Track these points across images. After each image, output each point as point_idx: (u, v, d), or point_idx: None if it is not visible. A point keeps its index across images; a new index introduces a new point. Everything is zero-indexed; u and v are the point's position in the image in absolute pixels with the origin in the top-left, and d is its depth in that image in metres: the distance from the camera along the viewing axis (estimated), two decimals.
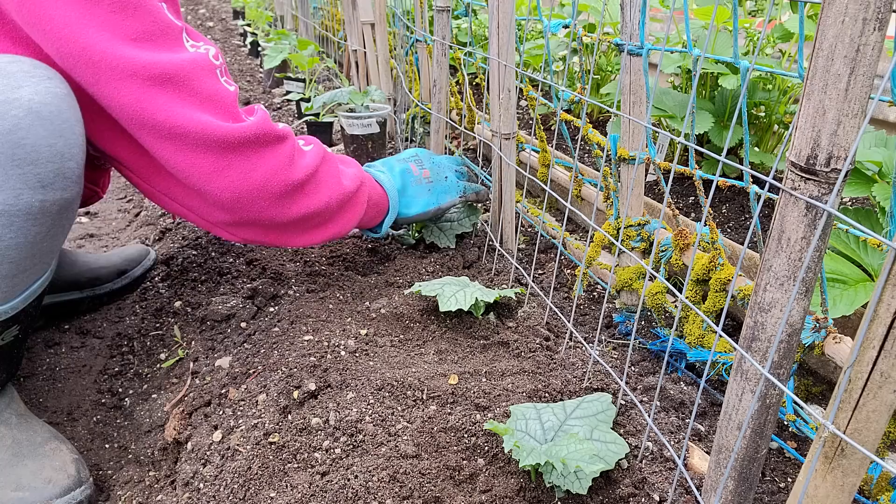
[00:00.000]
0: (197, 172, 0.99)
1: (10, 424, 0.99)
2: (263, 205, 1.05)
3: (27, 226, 0.86)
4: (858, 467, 0.57)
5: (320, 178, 1.13)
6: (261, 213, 1.06)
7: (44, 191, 0.85)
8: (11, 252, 0.86)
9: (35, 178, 0.84)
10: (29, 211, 0.85)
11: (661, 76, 2.15)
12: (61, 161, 0.87)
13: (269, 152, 1.03)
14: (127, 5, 0.91)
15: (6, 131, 0.81)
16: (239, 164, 1.00)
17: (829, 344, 0.87)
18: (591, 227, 1.20)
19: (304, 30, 4.18)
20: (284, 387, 1.01)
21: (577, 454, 0.80)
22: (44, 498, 0.93)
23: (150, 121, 0.94)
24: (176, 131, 0.94)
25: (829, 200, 0.54)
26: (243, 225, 1.08)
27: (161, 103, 0.93)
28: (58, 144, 0.86)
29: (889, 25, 0.49)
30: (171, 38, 0.97)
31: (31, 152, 0.83)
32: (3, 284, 0.89)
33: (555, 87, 1.34)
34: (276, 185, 1.05)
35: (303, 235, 1.17)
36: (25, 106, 0.83)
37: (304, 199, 1.10)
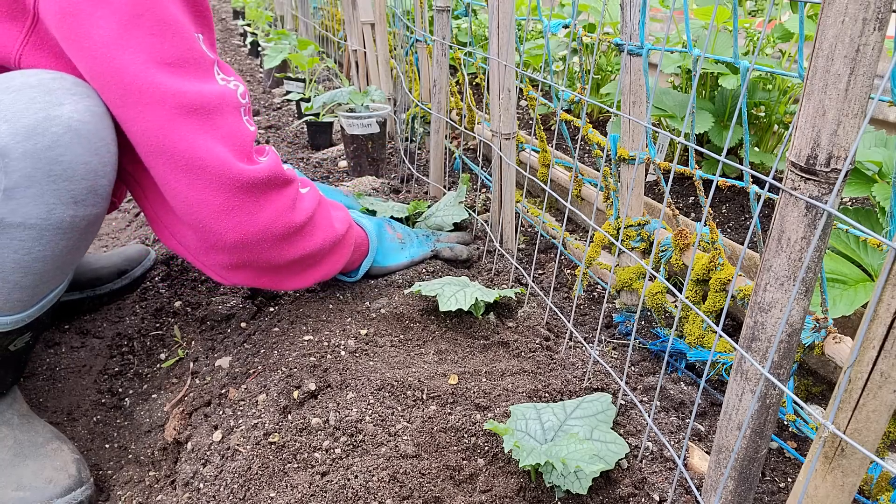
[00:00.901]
0: (206, 209, 0.96)
1: (12, 424, 1.00)
2: (265, 247, 1.04)
3: (56, 240, 0.87)
4: (858, 467, 0.57)
5: (317, 220, 1.12)
6: (260, 255, 1.04)
7: (76, 207, 0.87)
8: (38, 264, 0.88)
9: (69, 194, 0.86)
10: (60, 226, 0.86)
11: (661, 76, 2.15)
12: (95, 178, 0.89)
13: (277, 195, 1.02)
14: (166, 30, 0.91)
15: (45, 147, 0.82)
16: (248, 205, 0.99)
17: (829, 344, 0.87)
18: (591, 227, 1.20)
19: (304, 30, 4.18)
20: (284, 387, 1.01)
21: (577, 454, 0.80)
22: (45, 498, 0.93)
23: (171, 149, 0.92)
24: (194, 163, 0.93)
25: (829, 200, 0.54)
26: (240, 267, 1.06)
27: (184, 133, 0.92)
28: (93, 163, 0.88)
29: (889, 25, 0.49)
30: (203, 68, 0.96)
31: (67, 169, 0.85)
32: (25, 295, 0.90)
33: (555, 87, 1.34)
34: (279, 228, 1.03)
35: (295, 278, 1.15)
36: (65, 123, 0.84)
37: (301, 241, 1.09)
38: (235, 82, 1.02)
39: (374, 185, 2.04)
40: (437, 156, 1.85)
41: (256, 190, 0.98)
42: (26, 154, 0.81)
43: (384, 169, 2.22)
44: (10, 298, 0.90)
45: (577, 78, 2.55)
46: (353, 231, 1.27)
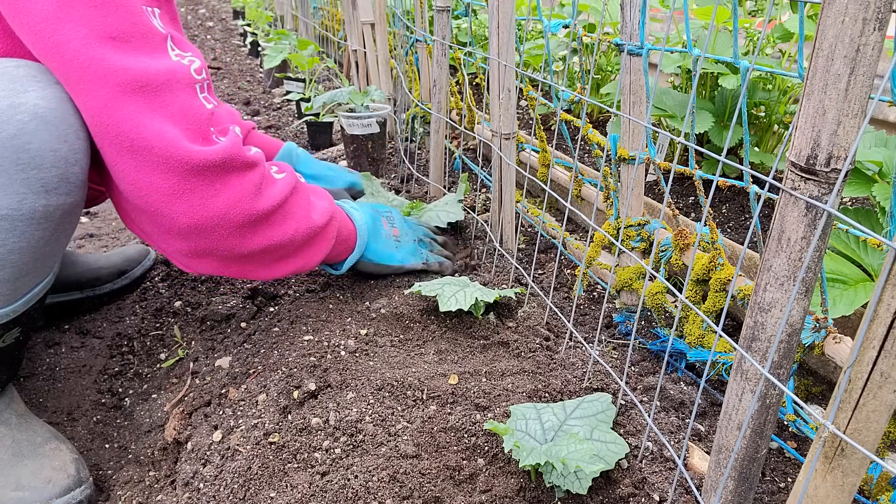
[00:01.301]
0: (155, 193, 0.92)
1: (9, 424, 0.99)
2: (222, 234, 0.98)
3: (30, 230, 0.85)
4: (858, 467, 0.57)
5: (289, 209, 1.06)
6: (219, 243, 0.99)
7: (48, 195, 0.85)
8: (14, 256, 0.86)
9: (39, 182, 0.84)
10: (32, 216, 0.84)
11: (661, 76, 2.15)
12: (65, 166, 0.86)
13: (235, 179, 0.96)
14: (109, 2, 0.86)
15: (11, 135, 0.81)
16: (201, 188, 0.93)
17: (829, 344, 0.87)
18: (591, 227, 1.20)
19: (304, 30, 4.18)
20: (284, 387, 1.01)
21: (577, 454, 0.80)
22: (43, 498, 0.93)
23: (115, 129, 0.88)
24: (139, 144, 0.88)
25: (829, 200, 0.54)
26: (200, 255, 1.01)
27: (129, 112, 0.87)
28: (62, 150, 0.86)
29: (889, 25, 0.49)
30: (152, 43, 0.91)
31: (35, 157, 0.83)
32: (5, 288, 0.89)
33: (555, 87, 1.34)
34: (237, 215, 0.98)
35: (265, 269, 1.09)
36: (31, 111, 0.83)
37: (267, 230, 1.03)
38: (191, 57, 0.96)
39: None
40: (437, 156, 1.85)
41: (210, 173, 0.93)
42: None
43: (384, 169, 2.22)
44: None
45: (577, 78, 2.55)
46: (337, 223, 1.20)
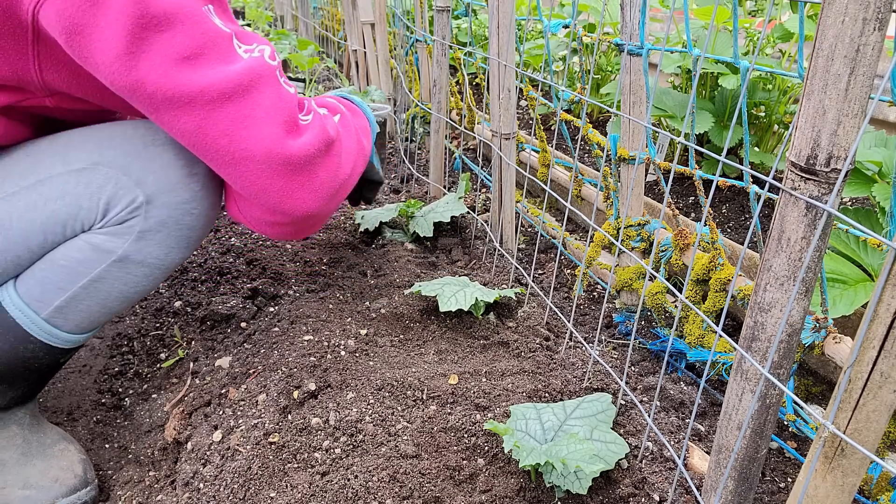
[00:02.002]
0: (267, 194, 0.94)
1: (22, 425, 1.01)
2: (328, 208, 1.02)
3: (160, 277, 0.97)
4: (858, 467, 0.57)
5: (354, 157, 1.09)
6: (323, 215, 1.04)
7: (186, 251, 0.97)
8: (136, 297, 0.97)
9: (186, 241, 0.95)
10: (169, 266, 0.96)
11: (661, 76, 2.15)
12: (207, 228, 0.99)
13: (327, 160, 0.98)
14: (174, 21, 0.83)
15: (184, 200, 0.92)
16: (308, 181, 0.96)
17: (829, 344, 0.87)
18: (591, 227, 1.20)
19: (304, 30, 4.18)
20: (284, 387, 1.01)
21: (577, 454, 0.80)
22: (50, 497, 0.94)
23: (213, 147, 0.89)
24: (240, 156, 0.89)
25: (829, 200, 0.54)
26: (304, 230, 1.06)
27: (223, 128, 0.87)
28: (211, 216, 0.98)
29: (889, 25, 0.49)
30: (223, 48, 0.88)
31: (195, 220, 0.95)
32: (103, 319, 0.97)
33: (555, 87, 1.34)
34: (333, 186, 1.01)
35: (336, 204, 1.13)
36: (202, 181, 0.94)
37: (350, 182, 1.08)
38: (260, 47, 0.94)
39: None
40: (437, 156, 1.85)
41: (311, 164, 0.95)
42: (166, 204, 0.91)
43: (384, 169, 2.22)
44: (95, 321, 0.96)
45: (577, 78, 2.55)
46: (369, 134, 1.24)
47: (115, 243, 0.90)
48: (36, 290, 0.91)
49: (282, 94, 0.92)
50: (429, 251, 1.59)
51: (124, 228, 0.90)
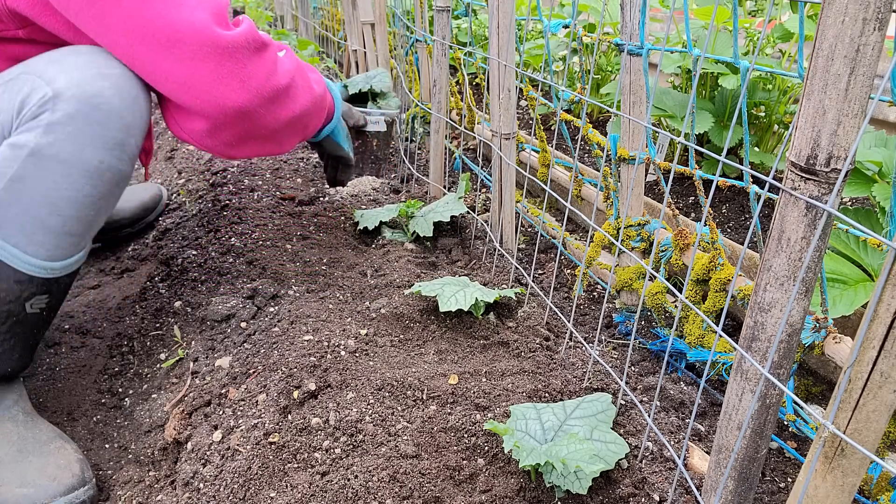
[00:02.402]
0: (199, 83, 0.99)
1: (17, 421, 1.00)
2: (260, 112, 1.07)
3: (81, 182, 0.95)
4: (858, 467, 0.57)
5: (298, 82, 1.16)
6: (258, 123, 1.08)
7: (103, 152, 0.96)
8: (63, 203, 0.95)
9: (101, 139, 0.95)
10: (87, 168, 0.95)
11: (661, 76, 2.15)
12: (125, 135, 0.98)
13: (259, 58, 1.04)
14: None
15: (91, 94, 0.94)
16: (237, 70, 1.01)
17: (829, 344, 0.87)
18: (591, 227, 1.20)
19: (304, 30, 4.18)
20: (284, 387, 1.01)
21: (577, 454, 0.80)
22: (48, 495, 0.93)
23: (151, 30, 0.95)
24: (174, 37, 0.96)
25: (829, 200, 0.54)
26: (243, 140, 1.11)
27: (159, 10, 0.95)
28: (126, 119, 0.98)
29: (889, 25, 0.49)
30: None
31: (104, 116, 0.95)
32: (49, 240, 0.96)
33: (555, 87, 1.34)
34: (268, 91, 1.06)
35: (288, 141, 1.21)
36: (113, 82, 0.97)
37: (289, 103, 1.13)
38: None
39: (373, 185, 2.04)
40: (437, 156, 1.85)
41: (239, 54, 1.00)
42: (73, 97, 0.93)
43: (385, 169, 2.22)
44: (35, 238, 0.95)
45: (577, 78, 2.55)
46: (328, 94, 1.34)
47: (27, 137, 0.92)
48: None
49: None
50: (429, 251, 1.59)
51: (35, 123, 0.92)
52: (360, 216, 1.67)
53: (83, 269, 1.64)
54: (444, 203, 1.63)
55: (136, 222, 1.69)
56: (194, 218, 1.74)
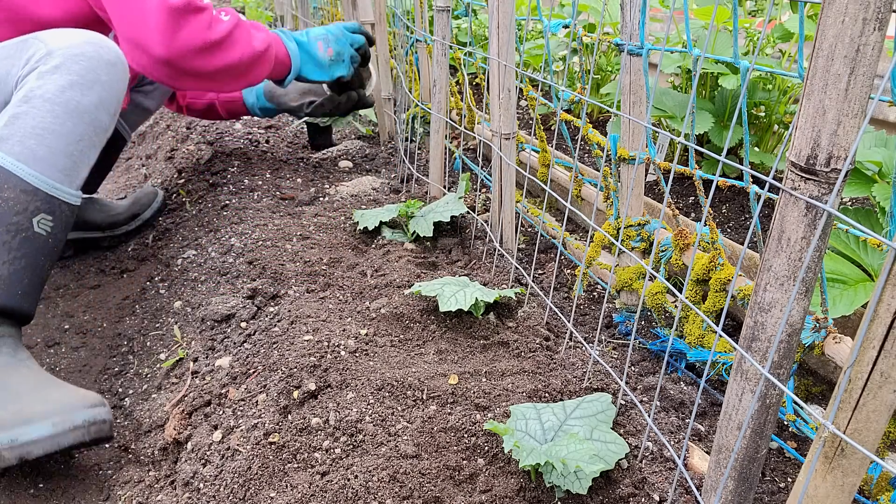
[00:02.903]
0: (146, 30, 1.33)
1: (31, 368, 1.07)
2: (190, 57, 1.40)
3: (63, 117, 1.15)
4: (858, 467, 0.57)
5: (234, 38, 1.48)
6: (190, 64, 1.41)
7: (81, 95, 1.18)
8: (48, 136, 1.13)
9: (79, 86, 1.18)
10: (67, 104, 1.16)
11: (661, 76, 2.15)
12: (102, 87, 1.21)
13: (193, 17, 1.38)
14: None
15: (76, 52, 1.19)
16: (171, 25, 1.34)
17: (829, 344, 0.87)
18: (591, 227, 1.20)
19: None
20: (284, 387, 1.01)
21: (577, 454, 0.80)
22: (73, 408, 1.00)
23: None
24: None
25: (829, 200, 0.54)
26: (182, 75, 1.42)
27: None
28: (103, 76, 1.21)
29: (889, 25, 0.49)
30: None
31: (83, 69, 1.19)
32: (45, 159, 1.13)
33: (555, 87, 1.34)
34: (197, 42, 1.39)
35: (228, 84, 1.54)
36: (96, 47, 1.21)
37: (221, 53, 1.45)
38: None
39: (374, 185, 2.04)
40: (437, 156, 1.85)
41: (176, 14, 1.34)
42: (61, 53, 1.17)
43: (379, 164, 2.22)
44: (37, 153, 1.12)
45: (577, 78, 2.55)
46: (273, 50, 1.63)
47: (25, 85, 1.16)
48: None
49: None
50: (429, 251, 1.59)
51: (32, 74, 1.17)
52: (360, 216, 1.67)
53: (83, 269, 1.64)
54: (444, 203, 1.63)
55: (132, 219, 1.80)
56: (194, 218, 1.74)
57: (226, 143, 2.26)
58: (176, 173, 2.03)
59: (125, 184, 2.23)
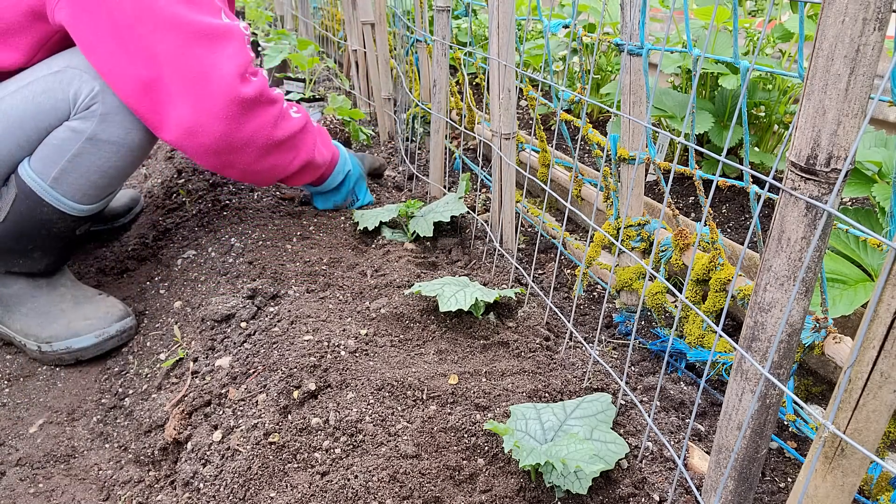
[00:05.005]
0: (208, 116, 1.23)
1: (67, 286, 1.39)
2: (247, 152, 1.33)
3: (124, 154, 1.27)
4: (858, 467, 0.57)
5: (297, 142, 1.42)
6: (242, 159, 1.33)
7: (138, 133, 1.27)
8: (111, 171, 1.28)
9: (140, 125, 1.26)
10: (130, 145, 1.27)
11: (661, 76, 2.15)
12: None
13: (262, 110, 1.29)
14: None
15: None
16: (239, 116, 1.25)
17: (829, 344, 0.87)
18: (591, 227, 1.20)
19: (304, 30, 4.18)
20: (284, 387, 1.01)
21: (577, 454, 0.80)
22: (106, 322, 1.34)
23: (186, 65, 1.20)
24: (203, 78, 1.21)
25: (829, 200, 0.54)
26: (227, 167, 1.35)
27: (198, 53, 1.19)
28: None
29: (889, 25, 0.49)
30: (213, 7, 1.24)
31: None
32: (94, 192, 1.29)
33: (555, 87, 1.34)
34: (260, 139, 1.32)
35: (266, 180, 1.47)
36: None
37: (279, 154, 1.39)
38: (240, 22, 1.31)
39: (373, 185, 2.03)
40: (437, 156, 1.85)
41: (247, 105, 1.25)
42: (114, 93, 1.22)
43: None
44: (87, 193, 1.28)
45: (577, 78, 2.55)
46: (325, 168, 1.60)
47: (85, 125, 1.22)
48: (39, 164, 1.23)
49: (244, 51, 1.26)
50: (429, 251, 1.59)
51: (89, 113, 1.22)
52: (360, 216, 1.67)
53: (84, 269, 1.64)
54: (444, 203, 1.63)
55: (128, 212, 1.88)
56: (194, 218, 1.73)
57: None
58: (176, 173, 2.03)
59: (125, 183, 2.23)
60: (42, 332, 1.31)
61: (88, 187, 1.26)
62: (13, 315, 1.34)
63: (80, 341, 1.31)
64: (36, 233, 1.28)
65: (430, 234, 1.54)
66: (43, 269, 1.35)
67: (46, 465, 1.08)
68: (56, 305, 1.34)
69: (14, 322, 1.34)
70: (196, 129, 1.24)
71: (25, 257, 1.31)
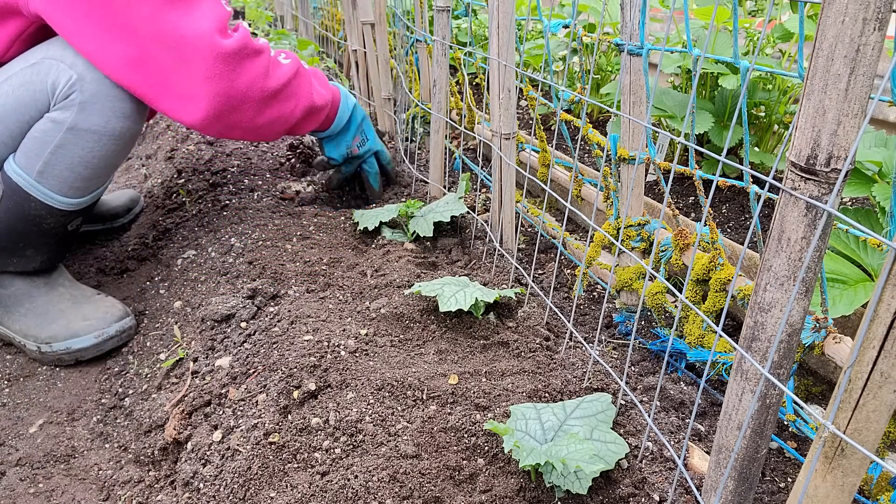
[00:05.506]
0: (194, 78, 1.20)
1: (65, 286, 1.39)
2: (244, 109, 1.29)
3: (108, 144, 1.25)
4: (858, 467, 0.57)
5: (292, 89, 1.38)
6: (242, 117, 1.30)
7: (123, 120, 1.25)
8: (95, 160, 1.25)
9: (121, 111, 1.24)
10: (112, 133, 1.24)
11: (661, 76, 2.15)
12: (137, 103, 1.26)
13: (249, 63, 1.25)
14: None
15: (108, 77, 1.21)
16: (227, 73, 1.22)
17: (829, 344, 0.87)
18: (591, 227, 1.20)
19: (304, 30, 4.18)
20: (284, 387, 1.01)
21: (577, 454, 0.80)
22: (105, 323, 1.33)
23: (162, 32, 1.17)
24: (182, 42, 1.18)
25: (829, 200, 0.54)
26: (230, 128, 1.32)
27: (171, 18, 1.17)
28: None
29: (889, 25, 0.49)
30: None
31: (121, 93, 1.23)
32: (83, 184, 1.28)
33: (555, 87, 1.34)
34: (255, 92, 1.28)
35: (270, 135, 1.42)
36: None
37: (276, 105, 1.35)
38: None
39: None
40: (437, 156, 1.85)
41: (231, 59, 1.22)
42: (94, 80, 1.20)
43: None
44: (74, 185, 1.26)
45: (577, 78, 2.55)
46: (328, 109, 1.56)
47: (65, 115, 1.20)
48: (23, 159, 1.22)
49: (219, 7, 1.23)
50: (429, 251, 1.59)
51: (69, 102, 1.20)
52: (360, 216, 1.67)
53: (83, 269, 1.64)
54: (444, 203, 1.63)
55: (127, 212, 1.88)
56: (194, 218, 1.73)
57: (226, 143, 2.26)
58: (176, 173, 2.03)
59: (125, 183, 2.23)
60: (41, 333, 1.31)
61: (74, 179, 1.25)
62: (12, 316, 1.34)
63: (80, 342, 1.31)
64: (26, 229, 1.27)
65: (430, 234, 1.54)
66: (37, 267, 1.34)
67: (46, 465, 1.08)
68: (55, 306, 1.34)
69: (13, 322, 1.34)
70: (189, 95, 1.22)
71: (18, 255, 1.30)
